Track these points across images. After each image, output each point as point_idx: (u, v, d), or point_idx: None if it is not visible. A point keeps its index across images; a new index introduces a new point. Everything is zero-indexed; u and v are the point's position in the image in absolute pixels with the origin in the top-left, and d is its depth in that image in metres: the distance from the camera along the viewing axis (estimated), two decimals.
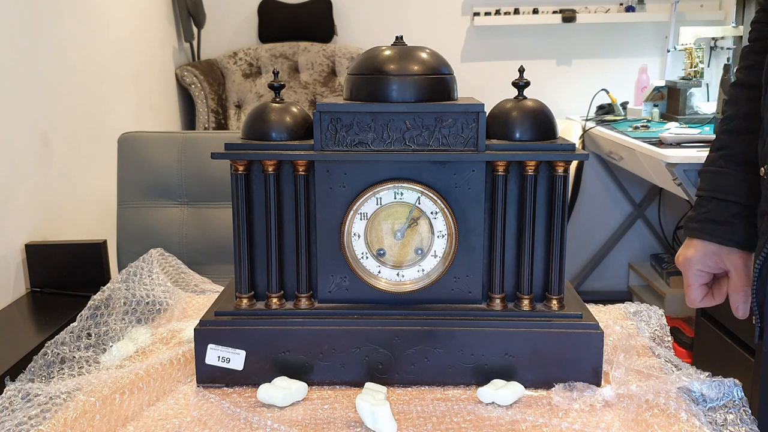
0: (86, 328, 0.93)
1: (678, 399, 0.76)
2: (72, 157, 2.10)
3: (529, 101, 0.81)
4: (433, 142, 0.78)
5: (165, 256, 1.16)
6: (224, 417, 0.74)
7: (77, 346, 0.90)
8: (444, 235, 0.80)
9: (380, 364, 0.80)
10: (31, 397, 0.76)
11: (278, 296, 0.82)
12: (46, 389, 0.77)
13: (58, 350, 0.87)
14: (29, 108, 1.88)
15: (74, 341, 0.90)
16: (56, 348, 0.87)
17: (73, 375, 0.84)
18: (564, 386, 0.77)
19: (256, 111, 0.81)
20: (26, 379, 0.82)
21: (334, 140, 0.78)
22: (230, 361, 0.80)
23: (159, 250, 1.15)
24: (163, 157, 1.49)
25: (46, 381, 0.82)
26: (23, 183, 1.83)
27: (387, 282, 0.81)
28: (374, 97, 0.78)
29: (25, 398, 0.76)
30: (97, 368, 0.85)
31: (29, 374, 0.83)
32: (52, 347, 0.87)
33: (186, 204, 1.50)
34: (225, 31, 3.57)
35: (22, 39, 1.87)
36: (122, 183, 1.50)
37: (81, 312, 0.96)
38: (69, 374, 0.84)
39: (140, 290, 1.03)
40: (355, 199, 0.79)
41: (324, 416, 0.74)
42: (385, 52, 0.80)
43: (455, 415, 0.74)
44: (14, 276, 1.74)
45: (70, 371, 0.84)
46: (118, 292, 1.01)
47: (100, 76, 2.38)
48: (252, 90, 3.41)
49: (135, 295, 1.02)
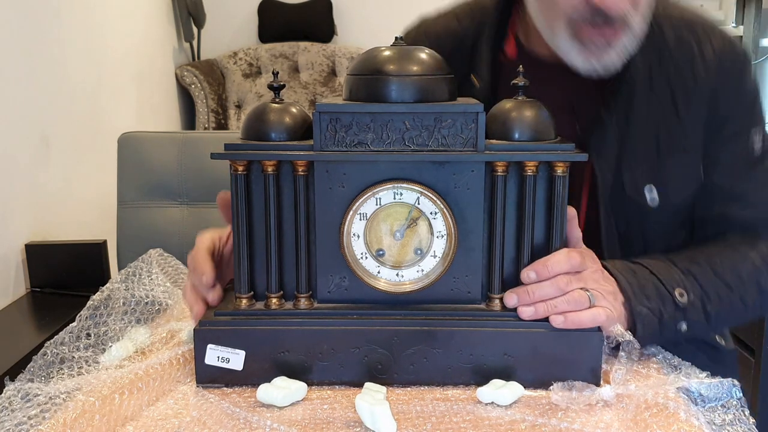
0: (86, 328, 0.93)
1: (677, 399, 0.76)
2: (72, 157, 2.10)
3: (529, 102, 0.81)
4: (432, 143, 0.78)
5: (164, 257, 1.16)
6: (224, 417, 0.75)
7: (76, 346, 0.90)
8: (443, 236, 0.80)
9: (380, 364, 0.80)
10: (31, 397, 0.76)
11: (278, 296, 0.82)
12: (45, 389, 0.77)
13: (58, 350, 0.87)
14: (29, 108, 1.88)
15: (74, 341, 0.90)
16: (56, 348, 0.88)
17: (73, 375, 0.84)
18: (562, 385, 0.77)
19: (256, 111, 0.81)
20: (25, 379, 0.82)
21: (333, 140, 0.78)
22: (230, 361, 0.80)
23: (158, 251, 1.15)
24: (163, 157, 1.49)
25: (46, 381, 0.82)
26: (23, 183, 1.83)
27: (386, 282, 0.81)
28: (373, 98, 0.79)
29: (24, 398, 0.76)
30: (96, 368, 0.86)
31: (29, 374, 0.83)
32: (52, 347, 0.88)
33: (186, 204, 1.50)
34: (225, 31, 3.57)
35: (22, 39, 1.87)
36: (122, 183, 1.50)
37: (80, 312, 0.96)
38: (69, 374, 0.84)
39: (139, 290, 1.03)
40: (354, 200, 0.79)
41: (323, 416, 0.75)
42: (384, 53, 0.80)
43: (454, 415, 0.74)
44: (14, 276, 1.74)
45: (70, 371, 0.85)
46: (117, 292, 1.01)
47: (99, 76, 2.38)
48: (252, 90, 3.41)
49: (134, 295, 1.02)
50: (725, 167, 0.99)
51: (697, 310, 0.90)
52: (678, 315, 0.89)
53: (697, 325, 0.90)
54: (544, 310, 0.79)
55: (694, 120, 0.98)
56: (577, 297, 0.80)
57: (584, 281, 0.82)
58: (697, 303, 0.90)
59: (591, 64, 0.92)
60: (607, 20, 0.89)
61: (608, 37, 0.90)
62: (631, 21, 0.90)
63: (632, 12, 0.90)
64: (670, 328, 0.88)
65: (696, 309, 0.90)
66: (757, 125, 0.99)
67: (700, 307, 0.90)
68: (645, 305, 0.86)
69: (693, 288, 0.90)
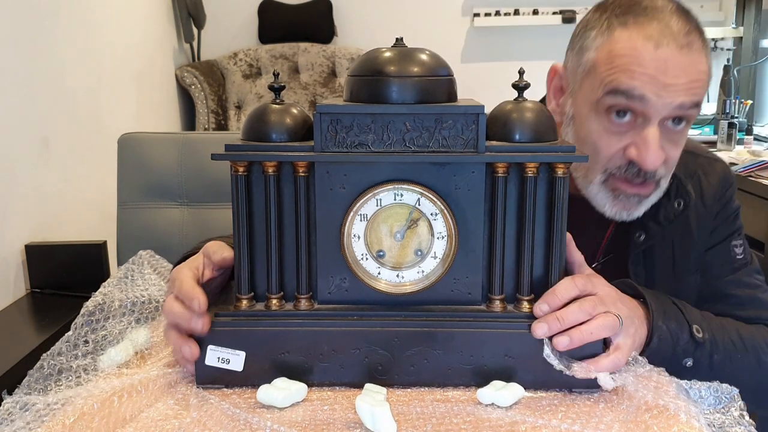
0: (82, 335, 0.91)
1: (677, 400, 0.76)
2: (72, 158, 2.10)
3: (529, 103, 0.81)
4: (433, 144, 0.78)
5: (155, 258, 1.12)
6: (224, 418, 0.74)
7: (74, 354, 0.88)
8: (444, 237, 0.80)
9: (380, 365, 0.80)
10: (29, 406, 0.75)
11: (278, 297, 0.82)
12: (43, 399, 0.76)
13: (55, 361, 0.85)
14: (30, 109, 1.88)
15: (71, 350, 0.88)
16: (53, 359, 0.86)
17: (71, 386, 0.82)
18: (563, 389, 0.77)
19: (256, 112, 0.81)
20: (23, 393, 0.80)
21: (334, 141, 0.78)
22: (230, 362, 0.80)
23: (149, 252, 1.13)
24: (163, 158, 1.49)
25: (44, 393, 0.81)
26: (24, 183, 1.83)
27: (387, 283, 0.81)
28: (374, 99, 0.79)
29: (23, 408, 0.75)
30: (95, 375, 0.84)
31: (26, 388, 0.81)
32: (48, 359, 0.86)
33: (186, 205, 1.50)
34: (225, 32, 3.57)
35: (22, 40, 1.87)
36: (122, 184, 1.50)
37: (75, 320, 0.94)
38: (67, 385, 0.83)
39: (134, 291, 1.02)
40: (355, 201, 0.79)
41: (324, 417, 0.75)
42: (385, 54, 0.80)
43: (455, 416, 0.74)
44: (14, 276, 1.74)
45: (68, 381, 0.83)
46: (112, 295, 1.00)
47: (99, 77, 2.38)
48: (252, 91, 3.41)
49: (129, 296, 1.01)
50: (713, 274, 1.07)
51: (705, 353, 0.91)
52: (689, 348, 0.90)
53: (701, 367, 0.90)
54: (579, 338, 0.77)
55: (703, 242, 1.07)
56: (611, 322, 0.78)
57: (605, 304, 0.80)
58: (707, 345, 0.91)
59: (619, 213, 0.98)
60: (642, 177, 0.95)
61: (641, 193, 0.96)
62: (663, 182, 0.98)
63: (664, 172, 0.97)
64: (679, 357, 0.89)
65: (705, 351, 0.91)
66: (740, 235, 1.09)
67: (708, 351, 0.91)
68: (666, 323, 0.87)
69: (707, 330, 0.92)
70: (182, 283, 0.81)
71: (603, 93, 0.93)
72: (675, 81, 0.90)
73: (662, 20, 0.91)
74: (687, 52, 0.90)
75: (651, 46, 0.90)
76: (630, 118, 0.93)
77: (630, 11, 0.93)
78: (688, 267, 1.06)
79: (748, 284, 1.06)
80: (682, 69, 0.90)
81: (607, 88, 0.93)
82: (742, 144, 2.78)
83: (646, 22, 0.91)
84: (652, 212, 1.02)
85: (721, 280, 1.06)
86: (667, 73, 0.90)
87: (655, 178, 0.96)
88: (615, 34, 0.93)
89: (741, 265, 1.07)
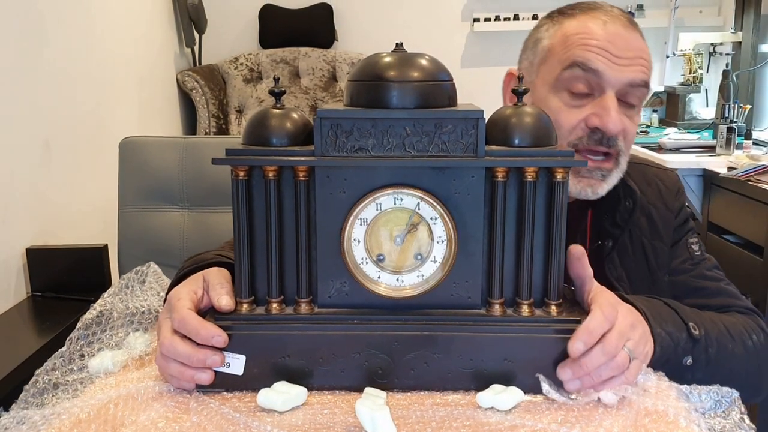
0: (78, 349, 0.90)
1: (677, 405, 0.76)
2: (73, 162, 2.11)
3: (529, 108, 0.82)
4: (432, 148, 0.78)
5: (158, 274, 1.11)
6: (224, 422, 0.75)
7: (70, 369, 0.87)
8: (443, 241, 0.80)
9: (380, 369, 0.80)
10: (26, 419, 0.74)
11: (278, 301, 0.82)
12: (41, 412, 0.75)
13: (50, 376, 0.84)
14: (31, 113, 1.89)
15: (66, 365, 0.87)
16: (47, 375, 0.85)
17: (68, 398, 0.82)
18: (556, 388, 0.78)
19: (257, 117, 0.82)
20: (20, 408, 0.80)
21: (334, 146, 0.78)
22: (230, 365, 0.80)
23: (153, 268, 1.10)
24: (164, 162, 1.50)
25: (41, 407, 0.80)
26: (24, 187, 1.83)
27: (387, 287, 0.81)
28: (374, 104, 0.79)
29: (20, 422, 0.74)
30: (91, 384, 0.83)
31: (22, 404, 0.81)
32: (43, 374, 0.84)
33: (187, 209, 1.51)
34: (226, 37, 3.57)
35: (24, 44, 1.88)
36: (123, 188, 1.51)
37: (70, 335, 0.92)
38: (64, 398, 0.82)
39: (134, 302, 1.01)
40: (355, 205, 0.79)
41: (323, 421, 0.75)
42: (385, 59, 0.80)
43: (454, 420, 0.74)
44: (15, 280, 1.75)
45: (65, 395, 0.83)
46: (110, 305, 0.99)
47: (101, 82, 2.38)
48: (253, 95, 3.42)
49: (129, 307, 1.00)
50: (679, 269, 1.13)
51: (702, 349, 0.92)
52: (688, 347, 0.91)
53: (699, 363, 0.91)
54: (589, 382, 0.78)
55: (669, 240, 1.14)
56: (621, 362, 0.79)
57: (623, 335, 0.80)
58: (703, 341, 0.93)
59: (584, 190, 1.04)
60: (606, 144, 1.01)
61: (602, 167, 1.03)
62: (622, 159, 1.05)
63: (623, 147, 1.03)
64: (679, 357, 0.90)
65: (701, 347, 0.92)
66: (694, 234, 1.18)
67: (704, 346, 0.93)
68: (664, 329, 0.88)
69: (701, 325, 0.94)
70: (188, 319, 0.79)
71: (561, 69, 1.02)
72: (624, 54, 1.01)
73: (606, 10, 1.05)
74: (632, 30, 1.03)
75: (600, 24, 1.02)
76: (587, 90, 1.02)
77: (576, 7, 1.07)
78: (661, 265, 1.13)
79: (712, 277, 1.12)
80: (628, 43, 1.02)
81: (564, 64, 1.02)
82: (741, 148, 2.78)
83: (592, 11, 1.05)
84: (610, 219, 1.10)
85: (686, 274, 1.12)
86: (617, 44, 1.00)
87: (617, 147, 1.02)
88: (565, 23, 1.05)
89: (699, 260, 1.14)
